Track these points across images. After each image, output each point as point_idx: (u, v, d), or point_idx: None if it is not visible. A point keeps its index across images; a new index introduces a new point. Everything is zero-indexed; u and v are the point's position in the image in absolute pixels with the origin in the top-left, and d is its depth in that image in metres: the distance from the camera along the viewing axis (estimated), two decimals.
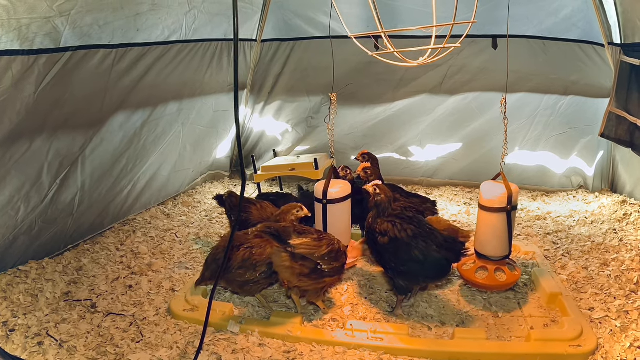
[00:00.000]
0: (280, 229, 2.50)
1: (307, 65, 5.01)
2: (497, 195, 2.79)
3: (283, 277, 2.59)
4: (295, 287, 2.63)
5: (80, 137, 3.30)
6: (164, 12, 3.48)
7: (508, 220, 2.79)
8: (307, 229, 2.59)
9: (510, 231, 2.82)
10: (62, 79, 2.93)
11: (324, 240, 2.52)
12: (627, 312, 2.62)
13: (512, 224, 2.83)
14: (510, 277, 2.87)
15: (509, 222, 2.79)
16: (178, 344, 2.50)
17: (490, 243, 2.86)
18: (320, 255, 2.49)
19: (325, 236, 2.57)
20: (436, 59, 2.20)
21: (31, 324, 2.59)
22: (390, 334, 2.51)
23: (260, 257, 2.62)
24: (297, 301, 2.72)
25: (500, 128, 4.63)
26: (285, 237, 2.48)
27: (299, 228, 2.58)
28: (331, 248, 2.51)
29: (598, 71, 4.27)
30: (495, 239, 2.84)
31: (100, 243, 3.66)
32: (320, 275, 2.54)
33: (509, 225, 2.79)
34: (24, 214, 3.04)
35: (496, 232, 2.82)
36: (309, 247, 2.47)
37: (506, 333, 2.58)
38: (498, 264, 2.89)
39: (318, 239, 2.52)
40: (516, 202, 2.85)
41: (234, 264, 2.62)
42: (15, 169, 2.89)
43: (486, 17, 4.09)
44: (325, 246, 2.50)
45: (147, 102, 3.82)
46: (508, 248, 2.87)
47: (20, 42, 2.59)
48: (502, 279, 2.87)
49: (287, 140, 5.44)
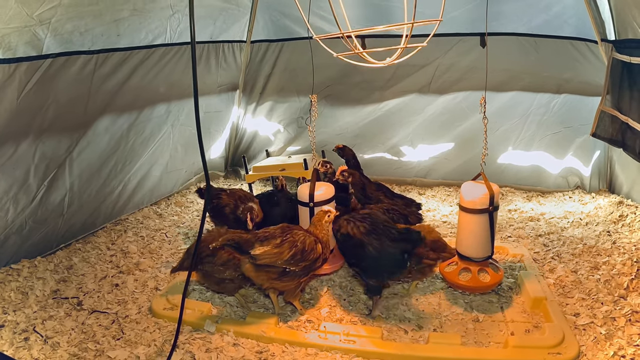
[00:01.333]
0: (242, 240, 2.53)
1: (295, 66, 5.02)
2: (478, 196, 2.76)
3: (255, 282, 2.64)
4: (269, 288, 2.66)
5: (66, 140, 3.38)
6: (146, 17, 3.52)
7: (490, 221, 2.75)
8: (271, 234, 2.59)
9: (492, 232, 2.79)
10: (43, 85, 3.01)
11: (285, 244, 2.53)
12: (613, 319, 2.56)
13: (494, 224, 2.79)
14: (494, 277, 2.84)
15: (491, 223, 2.75)
16: (156, 341, 2.56)
17: (472, 244, 2.83)
18: (284, 260, 2.50)
19: (289, 238, 2.56)
20: (403, 59, 2.17)
21: (19, 320, 2.68)
22: (363, 336, 2.51)
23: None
24: (275, 300, 2.75)
25: (492, 127, 4.64)
26: (247, 248, 2.51)
27: (261, 235, 2.59)
28: (294, 250, 2.52)
29: (592, 69, 4.17)
30: (478, 240, 2.80)
31: (91, 242, 3.74)
32: (291, 276, 2.55)
33: (492, 225, 2.76)
34: (14, 215, 3.13)
35: (479, 232, 2.78)
36: (270, 255, 2.50)
37: (485, 338, 2.54)
38: (481, 265, 2.85)
39: (279, 244, 2.52)
40: (497, 203, 2.81)
41: (217, 260, 2.67)
42: (2, 171, 2.98)
43: (475, 14, 4.03)
44: (287, 250, 2.50)
45: (133, 104, 3.88)
46: (491, 248, 2.84)
47: (2, 51, 2.67)
48: (485, 280, 2.83)
49: (279, 140, 5.47)
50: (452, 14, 4.19)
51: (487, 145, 2.88)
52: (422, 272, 2.88)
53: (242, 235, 2.60)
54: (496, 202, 2.78)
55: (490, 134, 4.62)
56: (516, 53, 4.38)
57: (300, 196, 3.08)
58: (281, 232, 2.57)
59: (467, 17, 4.28)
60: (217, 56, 4.72)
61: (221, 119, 5.24)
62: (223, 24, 4.57)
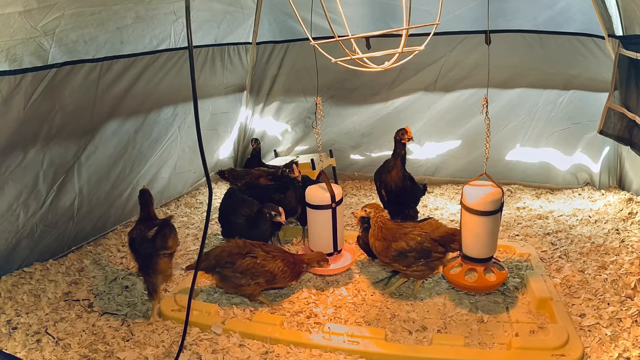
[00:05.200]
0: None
1: (301, 66, 5.03)
2: (481, 196, 2.74)
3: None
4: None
5: (74, 145, 3.45)
6: (149, 23, 3.56)
7: (495, 221, 2.75)
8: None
9: (496, 231, 2.79)
10: (49, 94, 3.08)
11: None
12: (619, 320, 2.53)
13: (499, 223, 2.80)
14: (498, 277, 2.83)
15: (495, 223, 2.75)
16: (164, 342, 2.60)
17: (476, 245, 2.81)
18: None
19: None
20: (400, 63, 2.17)
21: (32, 322, 2.75)
22: (367, 337, 2.53)
23: (262, 269, 2.80)
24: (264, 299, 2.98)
25: (499, 124, 4.61)
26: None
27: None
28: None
29: (600, 64, 4.10)
30: (483, 240, 2.79)
31: (102, 244, 3.81)
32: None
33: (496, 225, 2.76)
34: (24, 220, 3.21)
35: (486, 233, 2.77)
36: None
37: (489, 339, 2.54)
38: (485, 265, 2.84)
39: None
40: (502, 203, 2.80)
41: (237, 267, 2.81)
42: (12, 178, 3.06)
43: (479, 12, 3.99)
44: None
45: (139, 109, 3.93)
46: (495, 248, 2.85)
47: (9, 63, 2.74)
48: (491, 279, 2.82)
49: (287, 140, 5.50)
50: (456, 12, 4.16)
51: (494, 143, 2.85)
52: (430, 267, 2.91)
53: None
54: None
55: (498, 131, 4.63)
56: (522, 50, 4.33)
57: (312, 199, 3.09)
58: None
59: (472, 15, 4.24)
60: (223, 59, 4.75)
61: (229, 120, 5.28)
62: (227, 27, 4.60)
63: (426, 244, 2.85)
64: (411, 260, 2.85)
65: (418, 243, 2.84)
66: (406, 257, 2.85)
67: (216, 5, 4.28)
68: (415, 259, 2.86)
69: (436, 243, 2.88)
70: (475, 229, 2.79)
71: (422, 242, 2.85)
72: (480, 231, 2.77)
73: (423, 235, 2.87)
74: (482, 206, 2.72)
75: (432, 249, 2.85)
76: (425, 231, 2.90)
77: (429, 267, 2.90)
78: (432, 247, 2.86)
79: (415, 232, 2.88)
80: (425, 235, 2.88)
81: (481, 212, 2.72)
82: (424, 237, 2.87)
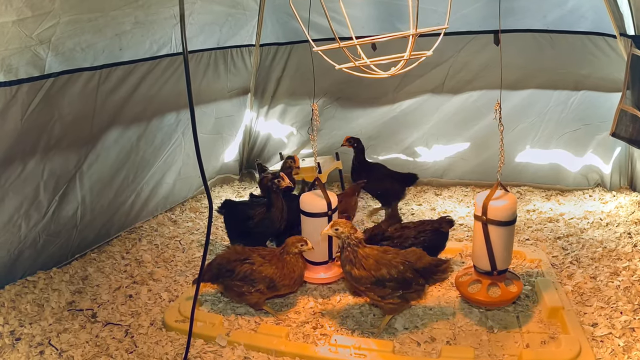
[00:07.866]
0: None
1: (306, 68, 4.95)
2: (503, 205, 2.66)
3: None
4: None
5: (74, 155, 3.41)
6: (149, 28, 3.51)
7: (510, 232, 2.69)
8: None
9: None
10: (47, 104, 3.02)
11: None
12: (632, 329, 2.47)
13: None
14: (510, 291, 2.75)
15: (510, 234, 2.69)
16: (168, 355, 2.57)
17: (503, 255, 2.73)
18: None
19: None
20: (407, 69, 2.11)
21: (35, 333, 2.73)
22: (374, 350, 2.48)
23: (259, 275, 2.75)
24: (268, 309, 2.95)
25: (508, 126, 4.48)
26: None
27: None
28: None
29: (611, 64, 4.00)
30: (500, 252, 2.71)
31: (106, 252, 3.79)
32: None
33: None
34: (26, 230, 3.19)
35: (502, 244, 2.70)
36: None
37: (499, 351, 2.48)
38: (497, 278, 2.76)
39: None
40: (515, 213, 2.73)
41: (237, 275, 2.78)
42: (12, 190, 3.03)
43: (487, 11, 3.91)
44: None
45: (141, 115, 3.89)
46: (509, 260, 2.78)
47: (4, 74, 2.68)
48: (513, 290, 2.75)
49: (293, 143, 5.44)
50: (463, 11, 4.07)
51: (506, 143, 2.78)
52: (406, 299, 2.65)
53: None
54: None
55: (507, 132, 4.51)
56: (531, 50, 4.23)
57: (307, 206, 3.04)
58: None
59: (479, 15, 4.15)
60: (226, 62, 4.70)
61: (234, 123, 5.23)
62: (230, 30, 4.54)
63: (408, 274, 2.58)
64: (388, 290, 2.57)
65: (400, 272, 2.56)
66: (384, 287, 2.57)
67: (217, 7, 4.22)
68: (394, 290, 2.58)
69: (418, 274, 2.62)
70: (505, 239, 2.70)
71: (404, 271, 2.58)
72: (508, 241, 2.72)
73: (406, 265, 2.60)
74: (509, 216, 2.67)
75: (413, 280, 2.60)
76: (408, 260, 2.63)
77: (404, 300, 2.63)
78: (414, 278, 2.60)
79: (397, 260, 2.61)
80: (409, 264, 2.60)
81: (505, 223, 2.66)
82: (407, 267, 2.59)
